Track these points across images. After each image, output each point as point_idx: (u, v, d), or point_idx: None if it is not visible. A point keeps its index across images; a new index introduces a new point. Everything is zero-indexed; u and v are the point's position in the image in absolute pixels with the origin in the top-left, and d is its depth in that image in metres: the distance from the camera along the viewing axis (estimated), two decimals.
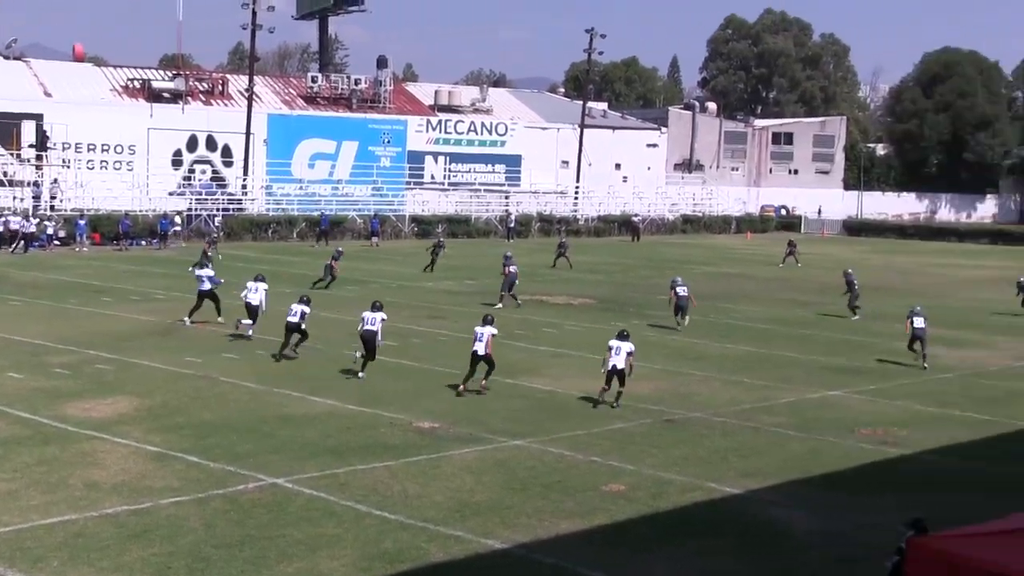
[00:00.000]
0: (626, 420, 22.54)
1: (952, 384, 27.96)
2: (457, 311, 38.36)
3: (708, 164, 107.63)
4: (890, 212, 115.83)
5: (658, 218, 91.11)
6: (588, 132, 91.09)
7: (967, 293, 49.82)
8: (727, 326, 36.93)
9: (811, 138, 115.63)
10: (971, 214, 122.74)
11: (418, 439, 20.56)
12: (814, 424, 22.82)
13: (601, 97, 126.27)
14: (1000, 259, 72.58)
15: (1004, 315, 41.95)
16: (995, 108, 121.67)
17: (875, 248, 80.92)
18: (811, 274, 54.70)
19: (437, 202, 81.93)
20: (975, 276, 58.87)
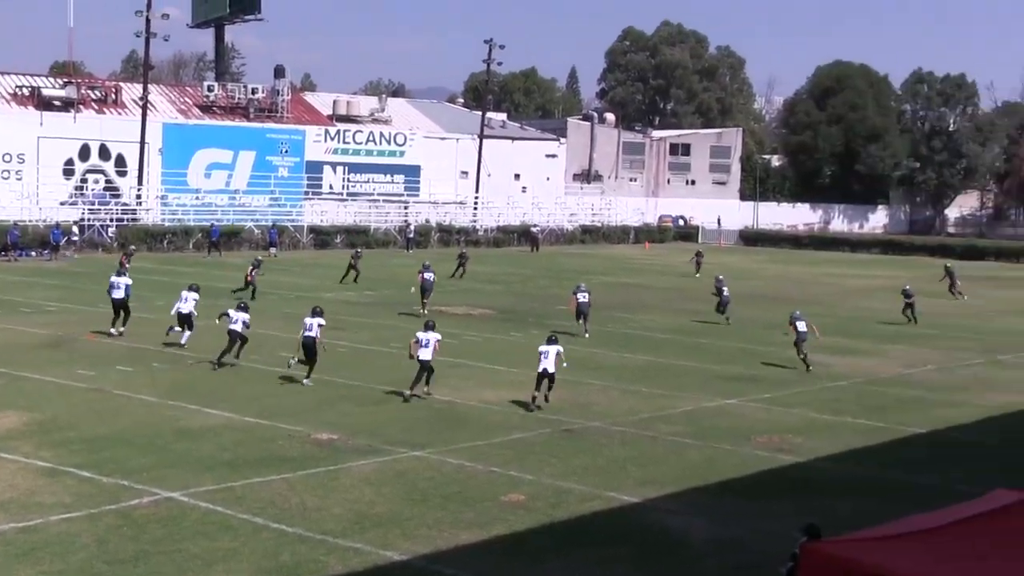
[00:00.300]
0: (525, 430, 22.60)
1: (845, 392, 28.47)
2: (356, 322, 38.16)
3: (607, 175, 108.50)
4: (785, 222, 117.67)
5: (557, 228, 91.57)
6: (487, 142, 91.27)
7: (859, 302, 50.80)
8: (626, 336, 37.20)
9: (708, 149, 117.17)
10: (863, 224, 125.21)
11: (316, 451, 20.40)
12: (711, 432, 23.07)
13: (500, 108, 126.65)
14: (890, 269, 74.13)
15: (893, 324, 42.84)
16: (885, 121, 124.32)
17: (771, 258, 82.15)
18: (709, 284, 55.26)
19: (336, 212, 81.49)
20: (866, 285, 60.05)
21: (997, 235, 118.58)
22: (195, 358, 29.71)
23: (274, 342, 33.01)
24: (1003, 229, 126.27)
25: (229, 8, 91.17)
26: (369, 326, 37.30)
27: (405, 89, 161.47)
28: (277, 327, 36.22)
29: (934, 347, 36.97)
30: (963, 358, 34.81)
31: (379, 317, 39.73)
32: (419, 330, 26.20)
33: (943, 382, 30.35)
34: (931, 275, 68.49)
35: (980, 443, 23.18)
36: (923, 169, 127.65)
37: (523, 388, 27.04)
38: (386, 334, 35.46)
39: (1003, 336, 40.42)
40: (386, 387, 26.58)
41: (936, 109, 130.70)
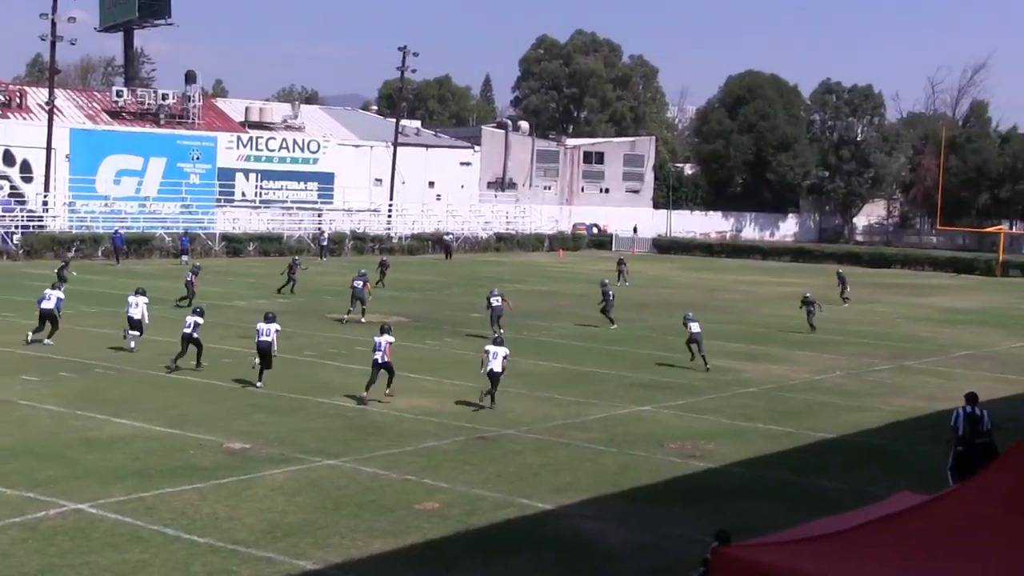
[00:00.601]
0: (440, 438, 22.59)
1: (756, 398, 28.80)
2: None
3: (521, 182, 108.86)
4: (698, 230, 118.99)
5: (472, 236, 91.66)
6: (401, 150, 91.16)
7: (770, 309, 51.45)
8: (540, 343, 37.32)
9: (621, 157, 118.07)
10: (774, 232, 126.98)
11: (228, 460, 20.21)
12: (625, 439, 23.22)
13: (414, 115, 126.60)
14: (800, 276, 75.17)
15: (801, 332, 43.44)
16: (795, 130, 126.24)
17: (684, 265, 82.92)
18: (622, 291, 55.63)
19: (248, 220, 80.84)
20: (777, 292, 60.83)
21: (903, 243, 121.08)
22: (107, 367, 29.31)
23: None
24: (909, 237, 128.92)
25: (138, 12, 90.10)
26: (282, 334, 36.94)
27: (319, 96, 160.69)
28: None
29: (843, 353, 37.55)
30: (871, 364, 35.41)
31: (292, 325, 39.44)
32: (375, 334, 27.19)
33: (851, 388, 30.84)
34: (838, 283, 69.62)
35: (887, 447, 23.59)
36: (832, 178, 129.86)
37: (437, 396, 27.05)
38: (299, 342, 35.22)
39: (909, 342, 41.19)
40: (299, 396, 26.41)
41: (844, 119, 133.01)
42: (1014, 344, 41.98)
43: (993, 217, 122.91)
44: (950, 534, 9.46)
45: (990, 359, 37.46)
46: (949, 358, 37.39)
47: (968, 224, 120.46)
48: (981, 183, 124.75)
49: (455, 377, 29.89)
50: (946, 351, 39.10)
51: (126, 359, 30.77)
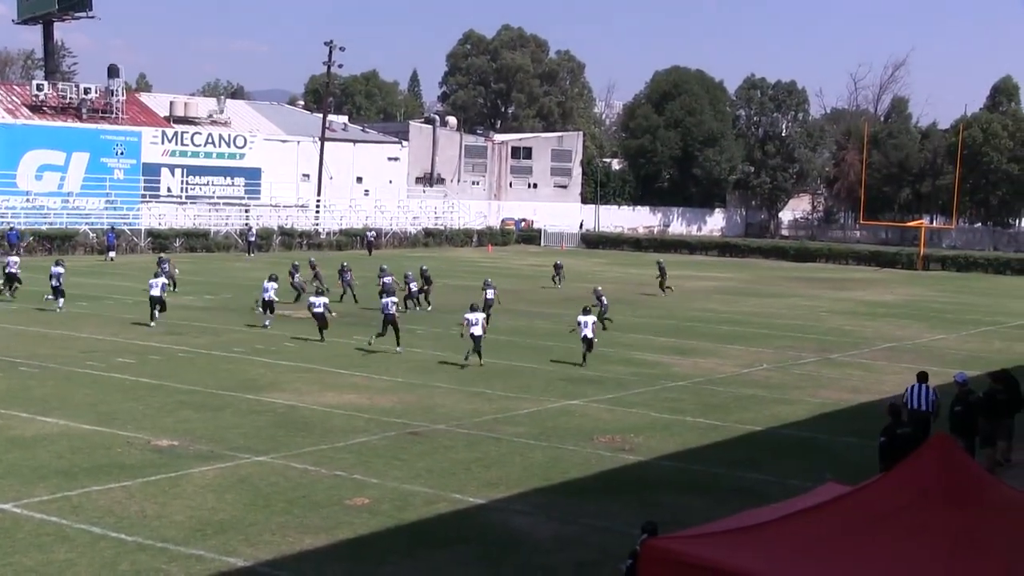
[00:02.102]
0: (370, 433, 22.56)
1: (684, 392, 29.04)
2: (196, 327, 37.57)
3: (449, 178, 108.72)
4: (626, 225, 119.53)
5: (400, 231, 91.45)
6: (329, 145, 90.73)
7: (698, 303, 51.87)
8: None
9: (549, 153, 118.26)
10: (701, 227, 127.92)
11: (156, 458, 20.05)
12: (554, 433, 23.34)
13: (342, 110, 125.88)
14: (727, 270, 75.92)
15: (727, 324, 43.85)
16: (721, 125, 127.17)
17: (612, 260, 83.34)
18: (554, 290, 55.80)
19: (175, 215, 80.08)
20: (705, 287, 61.34)
21: (827, 237, 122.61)
22: (31, 364, 28.94)
23: (108, 348, 32.34)
24: (833, 231, 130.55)
25: (58, 5, 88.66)
26: (209, 331, 36.75)
27: (244, 91, 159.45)
28: (112, 332, 35.48)
29: (770, 346, 37.96)
30: (797, 357, 35.84)
31: (219, 322, 39.17)
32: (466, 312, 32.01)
33: (778, 380, 31.20)
34: (766, 276, 70.40)
35: (813, 439, 23.91)
36: (758, 173, 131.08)
37: (367, 391, 27.02)
38: (226, 338, 35.00)
39: (834, 335, 41.73)
40: (227, 392, 26.25)
41: (769, 115, 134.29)
42: (935, 336, 42.72)
43: (914, 212, 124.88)
44: (869, 525, 9.65)
45: (912, 352, 38.08)
46: (872, 351, 37.97)
47: (890, 219, 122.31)
48: (903, 178, 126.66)
49: (385, 372, 29.86)
50: (869, 344, 39.69)
51: (49, 356, 30.39)
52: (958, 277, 79.61)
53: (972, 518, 9.43)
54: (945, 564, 9.05)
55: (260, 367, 30.07)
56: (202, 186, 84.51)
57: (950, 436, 12.02)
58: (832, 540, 9.60)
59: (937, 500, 9.54)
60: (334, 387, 27.43)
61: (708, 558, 9.71)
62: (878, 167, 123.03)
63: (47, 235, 69.36)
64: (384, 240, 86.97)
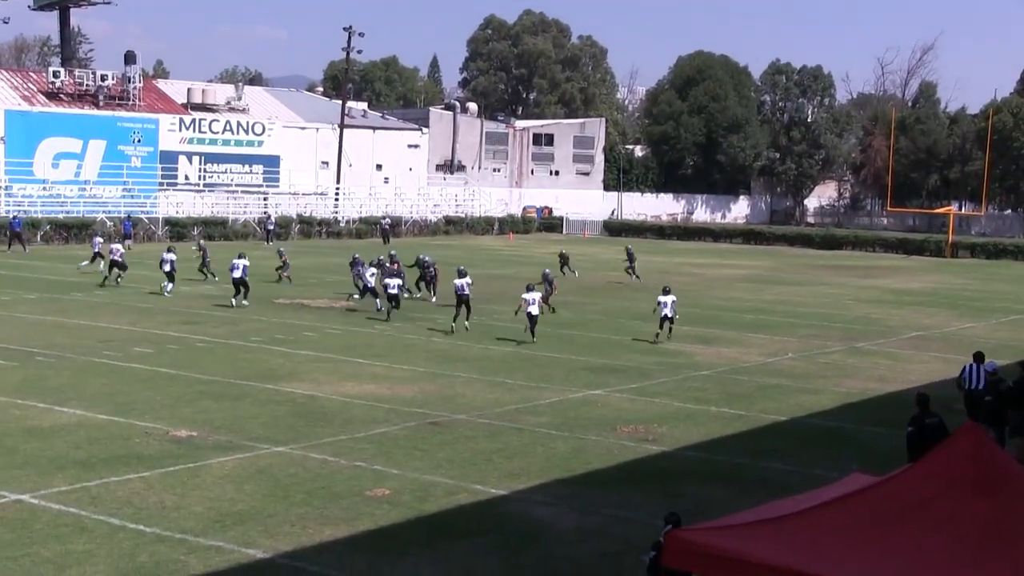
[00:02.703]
0: (390, 424, 22.61)
1: (708, 381, 29.01)
2: (214, 316, 37.71)
3: (470, 165, 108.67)
4: (649, 213, 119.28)
5: (420, 219, 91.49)
6: (348, 132, 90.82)
7: (722, 292, 51.76)
8: (490, 327, 37.37)
9: (571, 139, 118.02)
10: (725, 214, 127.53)
11: (175, 448, 20.14)
12: (577, 423, 23.34)
13: (361, 97, 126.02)
14: (751, 258, 75.70)
15: (751, 313, 43.77)
16: (745, 111, 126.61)
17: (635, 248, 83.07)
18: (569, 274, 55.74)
19: (192, 204, 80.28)
20: (729, 275, 61.21)
21: (854, 224, 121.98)
22: (48, 354, 29.10)
23: (126, 337, 32.49)
24: (859, 218, 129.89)
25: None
26: (225, 320, 36.88)
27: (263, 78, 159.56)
28: (129, 322, 35.64)
29: (794, 335, 37.86)
30: (822, 346, 35.75)
31: (237, 311, 39.27)
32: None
33: (803, 370, 31.14)
34: (791, 264, 70.23)
35: (838, 429, 23.86)
36: (783, 159, 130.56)
37: (387, 381, 27.07)
38: (244, 327, 35.11)
39: (860, 324, 41.59)
40: (246, 382, 26.34)
41: (795, 100, 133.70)
42: (964, 325, 42.52)
43: (942, 198, 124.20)
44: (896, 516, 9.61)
45: (940, 340, 37.93)
46: (899, 339, 37.83)
47: (918, 205, 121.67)
48: (931, 164, 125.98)
49: (405, 362, 29.90)
50: (896, 332, 39.55)
51: (66, 346, 30.55)
52: (987, 264, 79.21)
53: (1001, 508, 9.39)
54: (973, 555, 9.01)
55: (279, 357, 30.15)
56: (220, 174, 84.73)
57: (979, 425, 11.96)
58: (859, 531, 9.56)
59: (966, 490, 9.49)
60: (353, 377, 27.49)
61: (732, 549, 9.69)
62: (906, 153, 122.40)
63: (64, 223, 69.63)
64: (404, 228, 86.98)
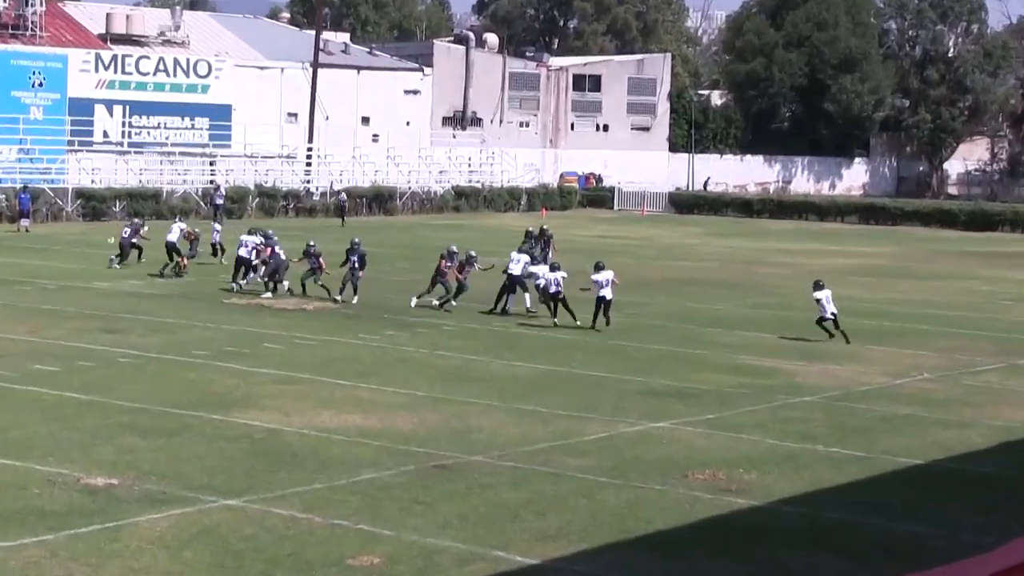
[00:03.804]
0: (380, 467, 22.51)
1: (813, 410, 28.80)
2: (144, 321, 37.74)
3: (488, 118, 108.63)
4: (731, 182, 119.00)
5: (421, 191, 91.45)
6: (324, 73, 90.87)
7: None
8: (515, 336, 37.29)
9: (625, 82, 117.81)
10: (835, 183, 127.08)
11: (88, 502, 20.09)
12: (633, 467, 23.19)
13: (341, 27, 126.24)
14: (871, 243, 75.36)
15: (874, 318, 43.54)
16: (862, 43, 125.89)
17: (710, 230, 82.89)
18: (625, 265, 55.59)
19: (113, 170, 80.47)
20: (840, 266, 60.87)
21: (1013, 196, 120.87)
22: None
23: (23, 350, 32.52)
24: (1020, 188, 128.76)
25: None
26: (161, 326, 36.89)
27: (209, 1, 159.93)
28: (27, 330, 35.66)
29: (931, 348, 37.61)
30: (970, 362, 35.50)
31: (174, 314, 39.31)
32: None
33: (943, 395, 30.92)
34: (925, 251, 69.89)
35: (994, 476, 23.66)
36: (914, 108, 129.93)
37: (377, 410, 27.00)
38: (185, 337, 35.11)
39: (1022, 333, 41.29)
40: (186, 411, 26.30)
41: (930, 28, 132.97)
42: None
43: None
44: None
45: None
46: None
47: None
48: None
49: (401, 383, 29.81)
50: None
51: None
52: None
53: None
54: None
55: (230, 376, 30.10)
56: (151, 130, 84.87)
57: None
58: None
59: None
60: (331, 404, 27.41)
61: None
62: None
63: None
64: (400, 203, 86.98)
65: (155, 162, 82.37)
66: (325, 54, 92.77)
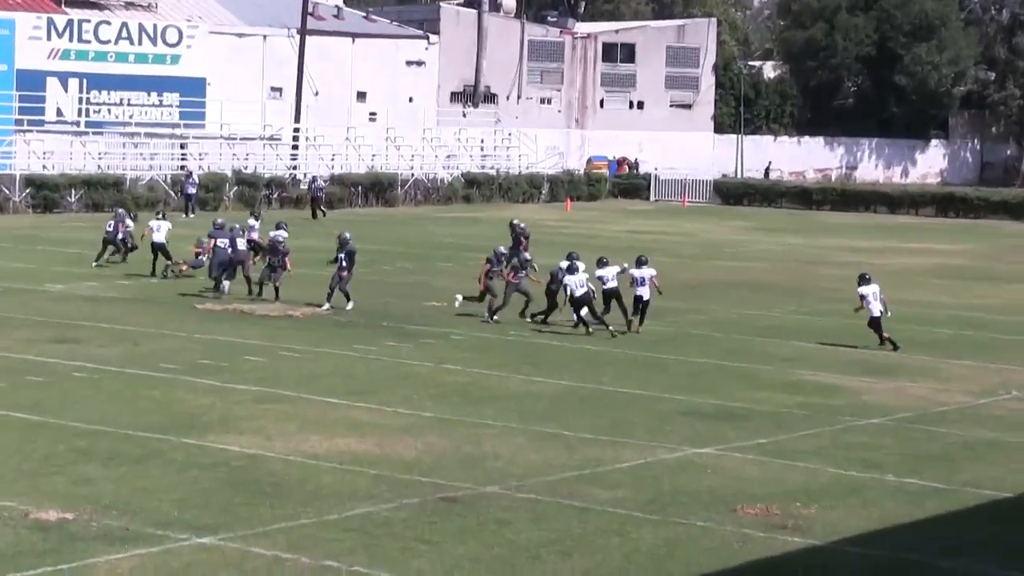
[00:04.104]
0: (378, 499, 22.50)
1: (882, 434, 28.77)
2: (104, 330, 37.80)
3: (504, 93, 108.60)
4: (786, 168, 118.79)
5: (426, 179, 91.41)
6: (313, 42, 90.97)
7: (903, 293, 51.44)
8: (536, 348, 37.31)
9: (663, 52, 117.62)
10: (908, 170, 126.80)
11: (38, 540, 20.10)
12: (673, 500, 23.17)
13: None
14: (950, 239, 75.23)
15: (955, 326, 43.46)
16: (941, 6, 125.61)
17: (762, 224, 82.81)
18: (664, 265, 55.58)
19: (68, 154, 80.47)
20: (914, 266, 60.86)
21: None
22: None
23: None
24: None
25: None
26: (124, 335, 36.92)
27: None
28: None
29: (1021, 363, 37.57)
30: None
31: (138, 321, 39.36)
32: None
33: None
34: (1014, 248, 69.78)
35: None
36: (1001, 82, 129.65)
37: (374, 433, 27.01)
38: (152, 347, 35.15)
39: None
40: (153, 435, 26.31)
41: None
42: None
43: None
44: None
45: None
46: None
47: None
48: None
49: (402, 402, 29.83)
50: None
51: None
52: None
53: None
54: None
55: (204, 394, 30.11)
56: (112, 107, 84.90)
57: None
58: None
59: None
60: (321, 426, 27.41)
61: None
62: None
63: None
64: (402, 193, 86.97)
65: (117, 145, 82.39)
66: (315, 19, 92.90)
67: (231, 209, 77.83)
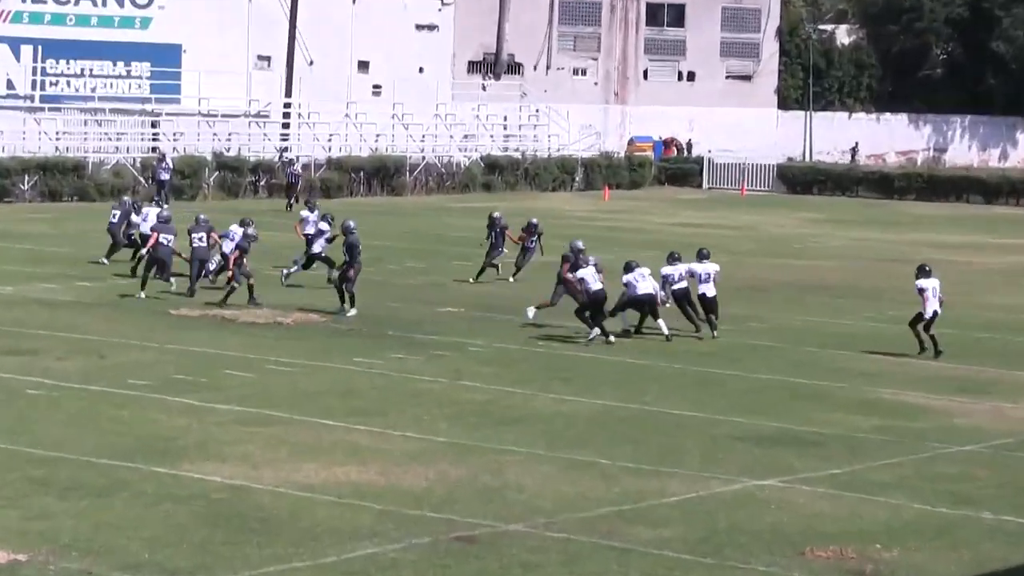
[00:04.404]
0: (384, 539, 22.50)
1: (978, 463, 28.74)
2: (63, 339, 37.88)
3: (531, 63, 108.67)
4: (864, 150, 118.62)
5: (440, 162, 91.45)
6: (307, 2, 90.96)
7: (1000, 297, 51.38)
8: (567, 360, 37.29)
9: (718, 14, 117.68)
10: (1007, 153, 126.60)
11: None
12: (729, 541, 23.16)
13: None
14: None
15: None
16: None
17: (832, 215, 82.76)
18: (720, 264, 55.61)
19: (20, 133, 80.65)
20: (1015, 265, 60.74)
21: None
22: None
23: None
24: None
25: None
26: (87, 347, 36.98)
27: None
28: None
29: None
30: None
31: (103, 330, 39.44)
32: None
33: None
34: None
35: None
36: None
37: (377, 460, 27.01)
38: (119, 360, 35.20)
39: None
40: (119, 462, 26.35)
41: None
42: None
43: None
44: None
45: None
46: None
47: None
48: None
49: (411, 425, 29.84)
50: None
51: None
52: None
53: None
54: None
55: (180, 415, 30.15)
56: (72, 79, 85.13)
57: None
58: None
59: None
60: (317, 452, 27.44)
61: None
62: None
63: None
64: (411, 179, 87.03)
65: (77, 123, 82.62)
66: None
67: (211, 199, 77.96)
